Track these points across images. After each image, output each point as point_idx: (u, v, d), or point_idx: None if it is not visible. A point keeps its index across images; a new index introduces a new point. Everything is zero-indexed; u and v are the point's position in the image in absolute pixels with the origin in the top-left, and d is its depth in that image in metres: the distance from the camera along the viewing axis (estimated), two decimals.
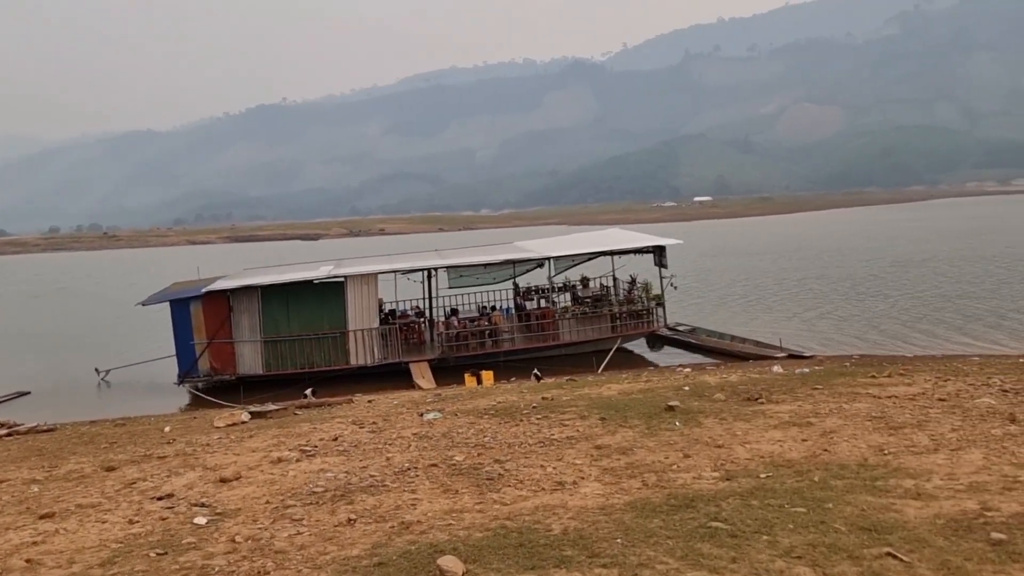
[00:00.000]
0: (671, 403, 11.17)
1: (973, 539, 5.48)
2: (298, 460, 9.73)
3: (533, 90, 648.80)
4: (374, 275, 24.35)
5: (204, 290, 23.38)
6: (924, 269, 43.47)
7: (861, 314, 30.56)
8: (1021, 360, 19.15)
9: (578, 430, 10.23)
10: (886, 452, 8.14)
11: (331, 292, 23.99)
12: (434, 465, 8.80)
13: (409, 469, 8.69)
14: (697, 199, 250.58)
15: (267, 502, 7.96)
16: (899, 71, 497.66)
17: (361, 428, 11.69)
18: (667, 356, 26.40)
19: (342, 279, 23.94)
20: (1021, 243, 56.01)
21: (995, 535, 5.49)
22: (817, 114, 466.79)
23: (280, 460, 9.77)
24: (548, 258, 26.83)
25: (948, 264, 45.13)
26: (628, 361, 25.29)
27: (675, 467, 8.15)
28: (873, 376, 13.90)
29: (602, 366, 23.38)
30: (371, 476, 8.50)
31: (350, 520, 7.13)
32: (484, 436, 10.24)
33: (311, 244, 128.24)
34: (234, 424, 13.85)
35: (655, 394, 12.80)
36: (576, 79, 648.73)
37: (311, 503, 7.78)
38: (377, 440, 10.55)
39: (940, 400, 10.85)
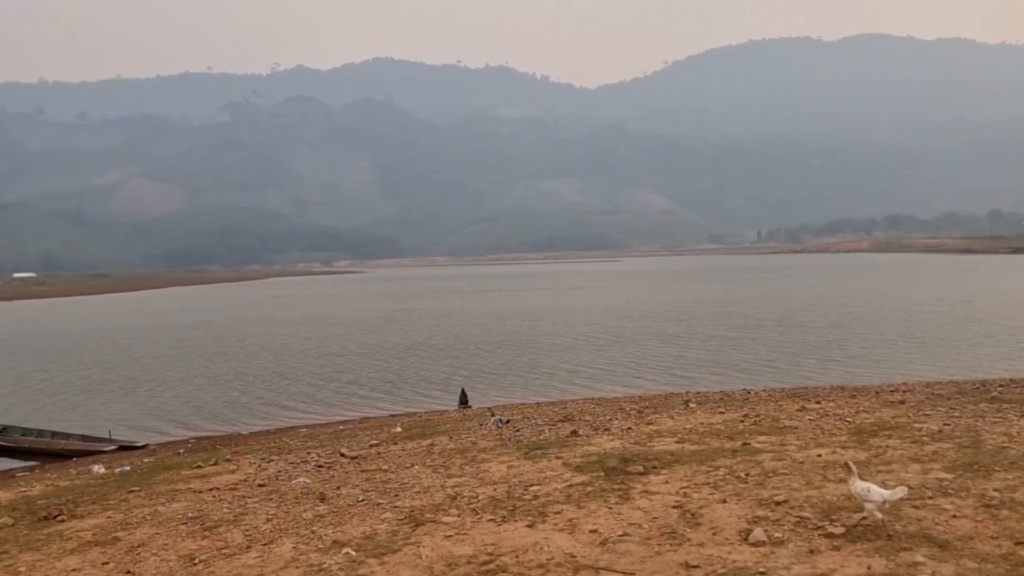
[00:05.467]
0: None
1: None
2: None
3: None
4: None
5: None
6: (253, 345, 45.44)
7: (194, 396, 30.01)
8: (340, 427, 20.88)
9: None
10: (197, 561, 7.37)
11: None
12: None
13: None
14: (18, 275, 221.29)
15: None
16: (234, 156, 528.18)
17: None
18: None
19: None
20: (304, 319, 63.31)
21: None
22: (156, 190, 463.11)
23: None
24: None
25: (301, 339, 48.13)
26: None
27: None
28: (199, 466, 13.22)
29: None
30: None
31: None
32: None
33: None
34: None
35: None
36: None
37: None
38: None
39: (260, 486, 10.62)
